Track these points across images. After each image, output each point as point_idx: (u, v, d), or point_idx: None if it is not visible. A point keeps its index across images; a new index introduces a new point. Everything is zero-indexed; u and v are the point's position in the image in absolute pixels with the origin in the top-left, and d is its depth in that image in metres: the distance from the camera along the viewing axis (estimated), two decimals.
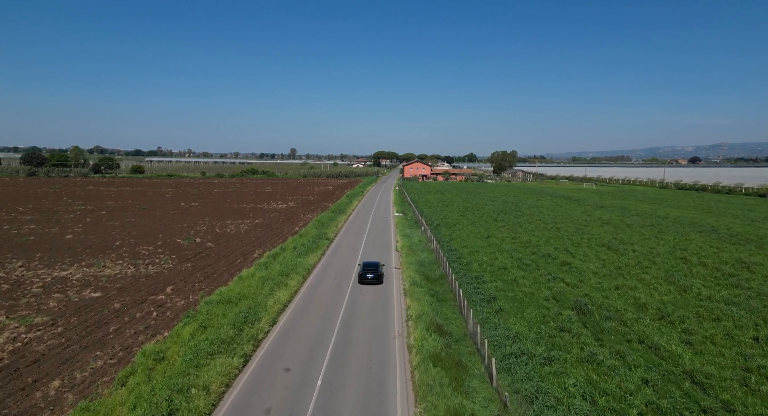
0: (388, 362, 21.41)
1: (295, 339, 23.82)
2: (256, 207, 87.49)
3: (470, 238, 51.92)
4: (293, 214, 76.74)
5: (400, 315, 27.72)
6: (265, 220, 69.13)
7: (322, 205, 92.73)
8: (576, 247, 46.31)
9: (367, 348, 22.96)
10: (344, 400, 18.02)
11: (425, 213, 75.42)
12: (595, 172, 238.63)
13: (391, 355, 22.20)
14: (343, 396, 18.28)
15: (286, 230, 60.28)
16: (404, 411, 17.44)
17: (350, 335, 24.43)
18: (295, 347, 22.89)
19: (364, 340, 23.83)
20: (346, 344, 23.36)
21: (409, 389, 19.17)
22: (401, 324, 26.24)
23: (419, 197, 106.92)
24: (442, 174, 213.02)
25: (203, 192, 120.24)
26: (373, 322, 26.41)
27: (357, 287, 33.46)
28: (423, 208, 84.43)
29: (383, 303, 29.82)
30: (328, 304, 29.45)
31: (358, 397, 18.23)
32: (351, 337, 24.16)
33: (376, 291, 32.48)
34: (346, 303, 29.83)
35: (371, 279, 33.78)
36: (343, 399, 18.13)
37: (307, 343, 23.32)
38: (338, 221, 66.08)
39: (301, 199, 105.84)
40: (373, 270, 34.27)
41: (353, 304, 29.50)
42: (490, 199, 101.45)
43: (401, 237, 52.55)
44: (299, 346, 22.98)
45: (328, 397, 18.18)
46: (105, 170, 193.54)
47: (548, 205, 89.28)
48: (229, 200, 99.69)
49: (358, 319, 26.81)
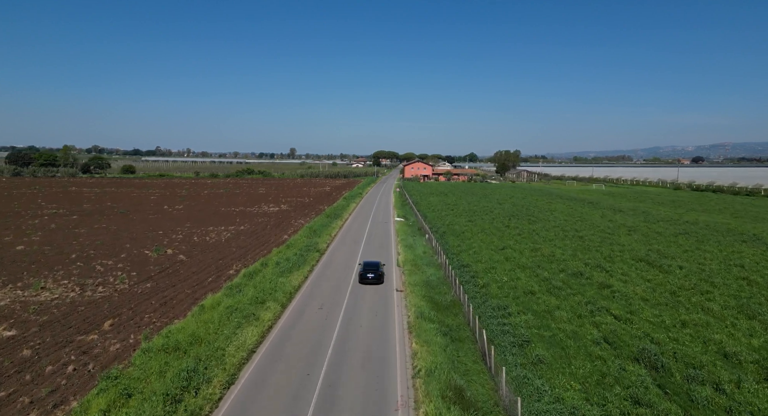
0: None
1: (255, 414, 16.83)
2: (245, 210, 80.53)
3: (483, 250, 44.92)
4: (284, 219, 69.77)
5: (404, 367, 20.76)
6: (252, 227, 62.13)
7: (317, 208, 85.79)
8: (610, 263, 39.28)
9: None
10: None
11: (429, 218, 68.46)
12: (602, 172, 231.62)
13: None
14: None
15: (273, 239, 53.30)
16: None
17: (335, 405, 17.44)
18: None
19: (354, 412, 16.87)
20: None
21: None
22: (406, 383, 19.28)
23: (421, 199, 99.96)
24: (444, 174, 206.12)
25: (192, 193, 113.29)
26: (367, 379, 19.44)
27: (348, 320, 26.47)
28: (426, 211, 77.47)
29: (382, 345, 22.85)
30: (310, 348, 22.46)
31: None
32: (336, 408, 17.17)
33: (372, 326, 25.50)
34: (334, 344, 22.85)
35: (372, 278, 33.75)
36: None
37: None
38: (332, 228, 59.09)
39: (296, 201, 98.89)
40: (374, 270, 34.17)
41: (343, 347, 22.51)
42: (498, 202, 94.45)
43: (403, 249, 45.58)
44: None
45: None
46: (95, 170, 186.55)
47: (562, 209, 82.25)
48: (217, 202, 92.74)
49: (348, 375, 19.82)
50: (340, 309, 28.36)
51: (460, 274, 35.06)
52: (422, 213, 75.23)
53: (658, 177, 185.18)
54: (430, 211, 77.50)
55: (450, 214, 73.27)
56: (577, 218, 69.37)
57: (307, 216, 73.77)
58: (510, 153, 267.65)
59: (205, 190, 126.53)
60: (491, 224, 62.65)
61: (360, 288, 32.74)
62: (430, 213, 75.42)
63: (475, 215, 72.54)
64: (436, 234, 53.72)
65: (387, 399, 17.88)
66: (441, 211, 77.47)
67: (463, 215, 72.44)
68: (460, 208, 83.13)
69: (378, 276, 33.81)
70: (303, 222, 66.71)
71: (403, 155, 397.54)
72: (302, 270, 37.00)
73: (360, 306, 28.85)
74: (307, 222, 66.02)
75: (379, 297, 30.78)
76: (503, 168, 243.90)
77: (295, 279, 33.90)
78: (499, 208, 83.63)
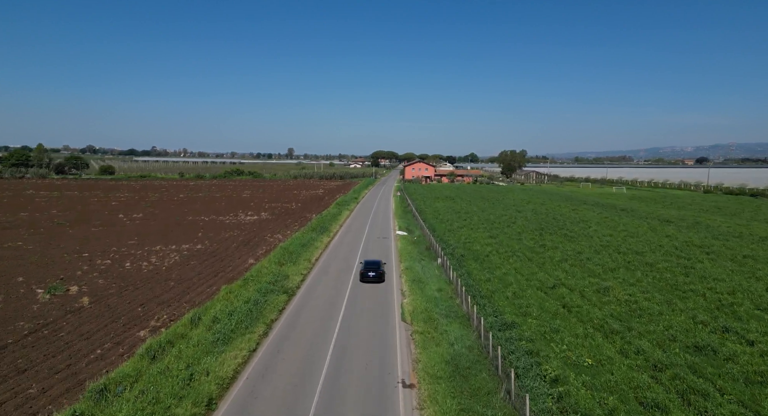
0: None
1: None
2: (216, 220, 66.81)
3: (525, 289, 31.26)
4: (258, 233, 56.07)
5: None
6: (213, 245, 48.40)
7: (303, 216, 72.15)
8: (735, 319, 25.53)
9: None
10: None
11: (438, 232, 54.86)
12: (616, 173, 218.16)
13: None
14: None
15: (233, 265, 39.61)
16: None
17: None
18: None
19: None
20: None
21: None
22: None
23: (426, 205, 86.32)
24: (447, 175, 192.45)
25: (165, 197, 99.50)
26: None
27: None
28: (433, 221, 63.85)
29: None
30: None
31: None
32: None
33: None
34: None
35: (373, 277, 33.41)
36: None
37: None
38: (315, 248, 45.42)
39: (281, 207, 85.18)
40: (375, 269, 33.92)
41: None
42: (516, 209, 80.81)
43: (410, 286, 31.96)
44: None
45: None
46: (70, 170, 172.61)
47: (596, 219, 68.60)
48: (187, 209, 79.00)
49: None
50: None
51: (505, 345, 21.39)
52: (429, 224, 61.60)
53: (682, 179, 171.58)
54: (439, 222, 63.87)
55: (464, 227, 59.60)
56: (622, 232, 55.73)
57: (289, 227, 60.11)
58: (516, 153, 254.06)
59: (183, 193, 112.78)
60: (520, 242, 49.01)
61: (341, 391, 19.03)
62: (438, 224, 61.78)
63: (495, 227, 58.89)
64: (452, 258, 40.10)
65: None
66: (451, 222, 63.82)
67: (480, 227, 58.77)
68: (473, 217, 69.48)
69: (379, 275, 33.71)
70: (281, 237, 53.04)
71: (403, 155, 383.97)
72: (252, 332, 23.30)
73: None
74: (286, 237, 52.38)
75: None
76: (509, 169, 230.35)
77: (232, 358, 20.18)
78: (520, 216, 70.00)
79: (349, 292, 31.52)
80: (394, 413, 16.64)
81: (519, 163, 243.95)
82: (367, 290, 32.29)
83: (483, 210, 78.35)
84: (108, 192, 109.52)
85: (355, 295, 30.79)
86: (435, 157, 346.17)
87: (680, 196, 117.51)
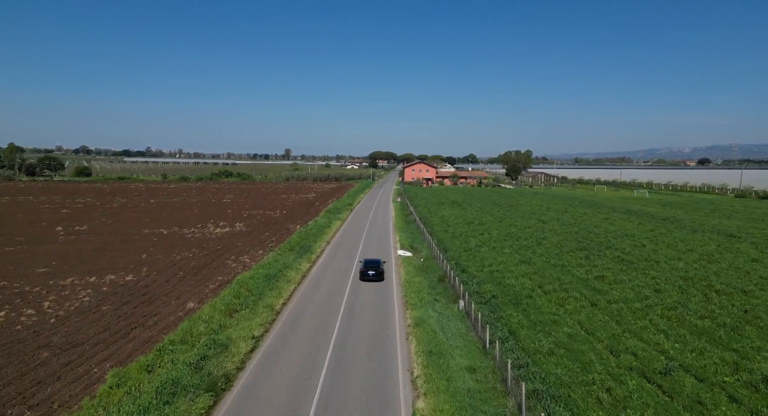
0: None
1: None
2: (176, 233, 54.15)
3: (614, 372, 18.77)
4: (221, 253, 43.42)
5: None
6: (152, 274, 35.68)
7: (285, 227, 59.58)
8: None
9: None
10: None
11: (451, 252, 42.44)
12: (629, 175, 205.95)
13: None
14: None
15: (163, 312, 26.90)
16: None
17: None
18: None
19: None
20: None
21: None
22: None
23: (431, 213, 73.81)
24: (450, 177, 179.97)
25: (130, 203, 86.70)
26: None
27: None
28: (442, 235, 51.38)
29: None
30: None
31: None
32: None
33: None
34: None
35: (372, 276, 33.02)
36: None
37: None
38: (287, 280, 32.75)
39: (262, 215, 72.54)
40: (375, 268, 33.29)
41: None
42: (538, 218, 68.35)
43: (425, 366, 19.39)
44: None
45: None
46: (42, 172, 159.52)
47: (641, 232, 56.12)
48: (148, 219, 66.30)
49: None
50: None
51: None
52: (438, 239, 49.12)
53: (704, 181, 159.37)
54: (450, 236, 51.36)
55: (483, 244, 47.05)
56: (690, 253, 43.25)
57: (264, 245, 47.53)
58: (521, 153, 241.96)
59: (157, 197, 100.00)
60: (564, 269, 36.49)
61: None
62: (450, 240, 49.28)
63: (522, 245, 46.38)
64: (479, 300, 27.63)
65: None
66: (465, 236, 51.30)
67: (504, 245, 46.23)
68: (491, 229, 56.94)
69: (379, 273, 33.17)
70: (248, 260, 40.45)
71: (402, 156, 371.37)
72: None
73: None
74: (254, 260, 39.79)
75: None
76: (514, 170, 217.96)
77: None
78: (547, 229, 57.55)
79: (325, 382, 18.82)
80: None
81: (524, 164, 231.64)
82: (359, 361, 19.69)
83: (500, 220, 65.84)
84: (69, 196, 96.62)
85: (336, 389, 18.17)
86: (435, 158, 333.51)
87: (712, 201, 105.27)
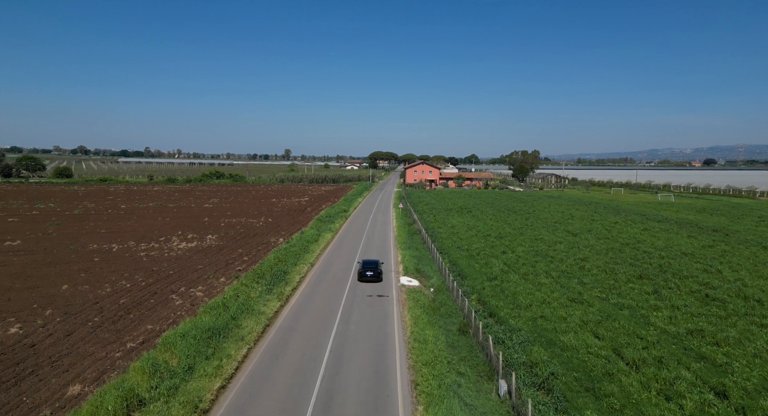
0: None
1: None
2: (128, 250, 43.70)
3: None
4: (173, 281, 32.89)
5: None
6: (29, 331, 25.18)
7: (265, 241, 49.23)
8: None
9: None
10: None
11: (471, 281, 31.97)
12: (644, 176, 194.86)
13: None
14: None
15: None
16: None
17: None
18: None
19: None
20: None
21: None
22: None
23: (438, 223, 63.33)
24: (455, 179, 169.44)
25: (98, 208, 76.29)
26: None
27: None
28: (455, 254, 40.88)
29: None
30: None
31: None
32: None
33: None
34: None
35: (371, 276, 32.56)
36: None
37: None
38: (239, 338, 22.19)
39: (243, 224, 62.09)
40: (373, 268, 32.90)
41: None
42: (566, 230, 57.76)
43: None
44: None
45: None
46: (19, 172, 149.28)
47: (701, 251, 45.52)
48: (105, 230, 55.96)
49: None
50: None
51: None
52: (450, 259, 38.73)
53: (729, 183, 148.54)
54: (465, 255, 40.87)
55: (511, 270, 36.45)
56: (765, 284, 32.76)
57: (229, 267, 37.05)
58: (528, 153, 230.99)
59: (131, 202, 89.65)
60: (635, 314, 25.99)
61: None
62: (465, 260, 38.79)
63: (560, 270, 35.85)
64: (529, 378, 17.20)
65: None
66: (485, 256, 40.78)
67: (539, 271, 35.63)
68: (514, 245, 46.39)
69: (377, 274, 32.73)
70: (201, 293, 29.96)
71: (403, 156, 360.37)
72: None
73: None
74: (207, 296, 29.29)
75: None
76: (521, 171, 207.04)
77: None
78: (582, 243, 47.03)
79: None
80: None
81: (531, 165, 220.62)
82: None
83: (521, 232, 55.30)
84: (31, 201, 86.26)
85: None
86: (438, 158, 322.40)
87: (749, 206, 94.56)
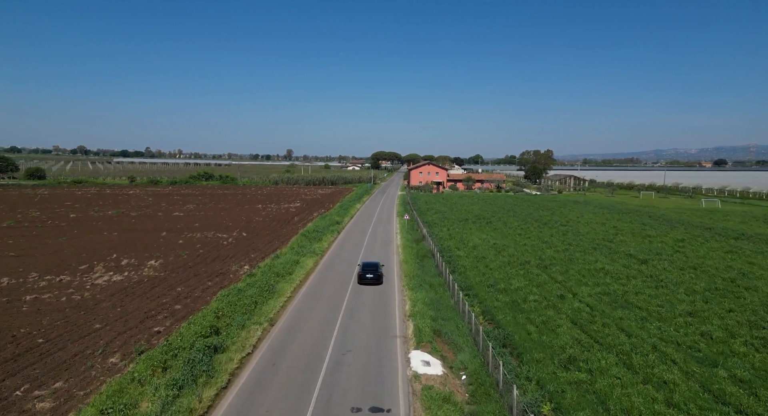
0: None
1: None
2: (20, 288, 29.83)
3: None
4: (21, 369, 19.00)
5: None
6: None
7: (222, 271, 35.31)
8: None
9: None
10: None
11: (530, 363, 17.89)
12: (672, 178, 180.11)
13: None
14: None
15: None
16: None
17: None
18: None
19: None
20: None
21: None
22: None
23: (455, 240, 49.38)
24: (463, 181, 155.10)
25: (37, 219, 62.88)
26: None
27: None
28: (490, 299, 26.86)
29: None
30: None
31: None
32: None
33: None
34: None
35: (371, 279, 31.79)
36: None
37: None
38: None
39: (208, 240, 48.28)
40: (373, 270, 32.21)
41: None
42: (627, 253, 43.66)
43: None
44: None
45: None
46: None
47: None
48: (13, 253, 42.35)
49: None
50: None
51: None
52: (484, 308, 24.83)
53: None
54: (505, 303, 26.97)
55: (590, 341, 22.51)
56: None
57: (146, 325, 23.13)
58: (540, 153, 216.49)
59: (88, 210, 76.26)
60: None
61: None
62: (507, 312, 24.92)
63: (665, 336, 21.96)
64: None
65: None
66: (535, 305, 26.88)
67: (646, 342, 21.74)
68: (569, 281, 32.41)
69: (377, 276, 32.00)
70: (62, 399, 16.05)
71: (406, 156, 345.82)
72: None
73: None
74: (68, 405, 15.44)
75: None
76: (533, 172, 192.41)
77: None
78: (665, 278, 33.02)
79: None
80: None
81: (545, 166, 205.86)
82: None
83: (568, 257, 41.24)
84: None
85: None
86: (443, 158, 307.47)
87: None
